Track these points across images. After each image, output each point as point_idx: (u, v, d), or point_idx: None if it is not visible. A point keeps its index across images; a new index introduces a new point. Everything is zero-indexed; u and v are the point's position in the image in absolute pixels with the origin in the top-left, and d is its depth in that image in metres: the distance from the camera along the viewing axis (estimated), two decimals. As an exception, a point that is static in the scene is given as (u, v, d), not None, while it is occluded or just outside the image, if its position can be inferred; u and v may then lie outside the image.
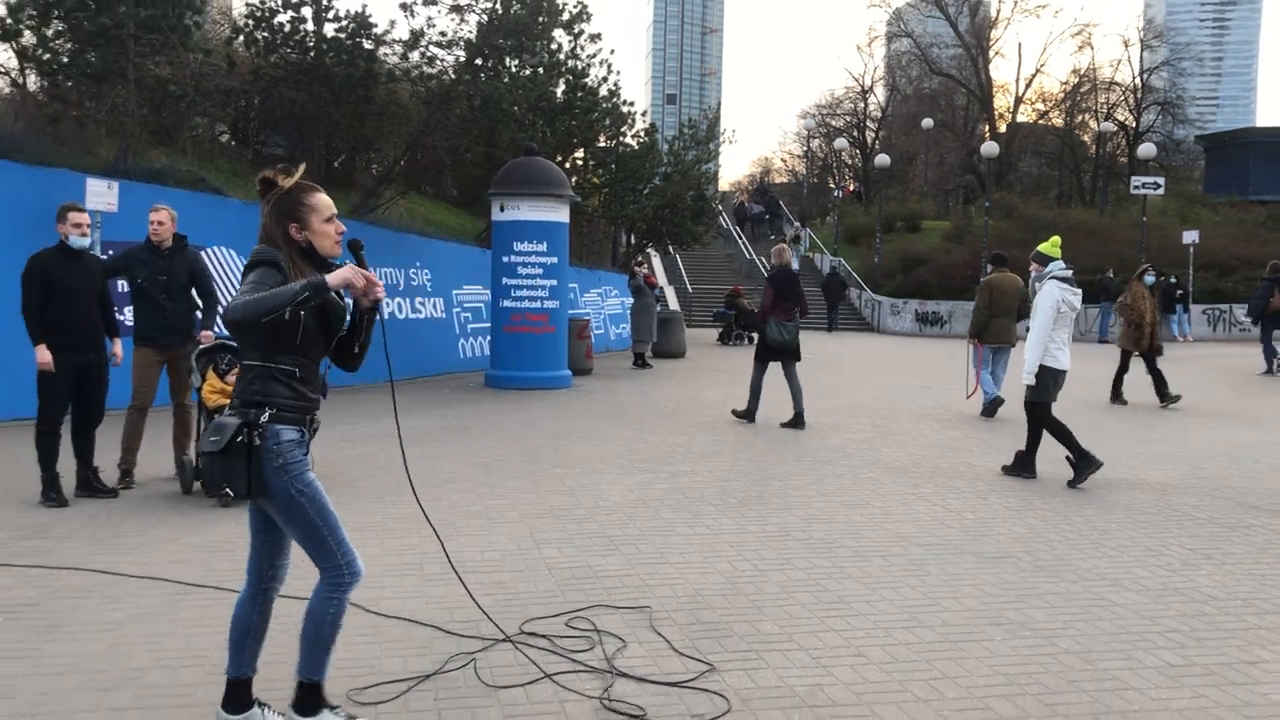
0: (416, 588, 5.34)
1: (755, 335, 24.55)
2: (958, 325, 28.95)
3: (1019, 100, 57.55)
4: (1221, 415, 12.96)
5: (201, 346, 7.62)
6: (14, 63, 15.00)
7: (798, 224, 43.93)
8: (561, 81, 18.80)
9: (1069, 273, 8.58)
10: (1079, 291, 8.56)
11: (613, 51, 20.99)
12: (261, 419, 3.35)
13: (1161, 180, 36.90)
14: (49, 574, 5.42)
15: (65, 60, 11.90)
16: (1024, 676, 4.27)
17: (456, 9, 15.74)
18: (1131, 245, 33.86)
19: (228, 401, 7.04)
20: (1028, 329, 8.64)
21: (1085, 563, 6.01)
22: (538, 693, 4.04)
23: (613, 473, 8.44)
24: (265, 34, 14.67)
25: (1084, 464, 8.18)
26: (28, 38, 12.06)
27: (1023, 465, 8.64)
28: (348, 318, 3.66)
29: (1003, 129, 55.03)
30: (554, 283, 14.25)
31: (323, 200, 3.48)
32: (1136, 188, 32.52)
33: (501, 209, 14.24)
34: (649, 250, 29.36)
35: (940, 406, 13.40)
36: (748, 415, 11.53)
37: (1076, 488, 8.15)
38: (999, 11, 57.47)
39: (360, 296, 3.53)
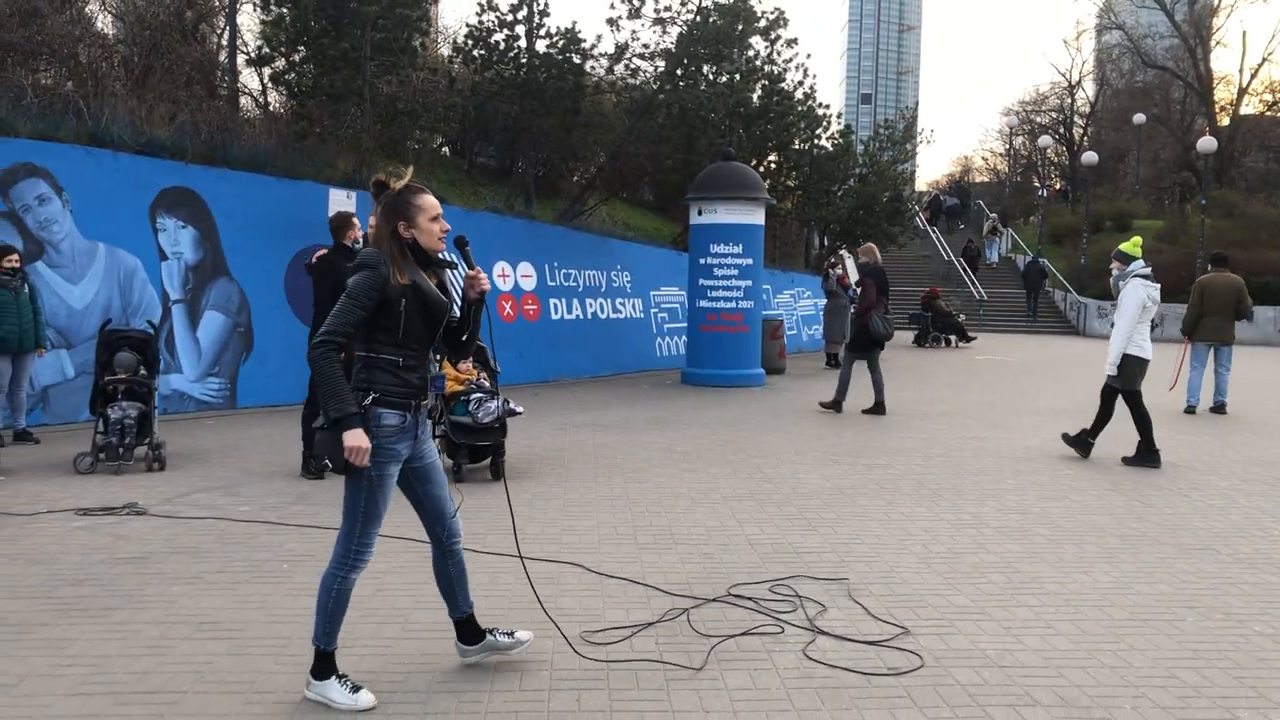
0: (631, 554, 5.88)
1: (953, 338, 24.40)
2: (1170, 329, 27.71)
3: (1243, 91, 54.14)
4: None
5: None
6: (256, 84, 16.61)
7: (995, 215, 42.91)
8: (758, 87, 19.22)
9: (1149, 270, 9.10)
10: (1158, 286, 9.18)
11: (809, 55, 21.27)
12: (365, 402, 3.66)
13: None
14: (318, 533, 6.25)
15: (309, 83, 13.15)
16: (1213, 653, 4.45)
17: (659, 22, 16.42)
18: (1368, 244, 31.59)
19: (461, 388, 7.89)
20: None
21: (1288, 557, 6.02)
22: (747, 643, 4.50)
23: (809, 463, 8.82)
24: (482, 52, 15.72)
25: (1150, 458, 8.93)
26: (278, 64, 13.40)
27: (1144, 455, 9.05)
28: (455, 311, 3.95)
29: (1224, 123, 51.95)
30: (749, 283, 14.69)
31: (429, 200, 3.77)
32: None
33: (699, 212, 14.78)
34: (843, 251, 29.40)
35: (1153, 407, 13.09)
36: (835, 406, 12.12)
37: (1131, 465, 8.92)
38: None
39: (467, 290, 3.90)
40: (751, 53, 19.43)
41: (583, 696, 3.92)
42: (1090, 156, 37.05)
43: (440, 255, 3.85)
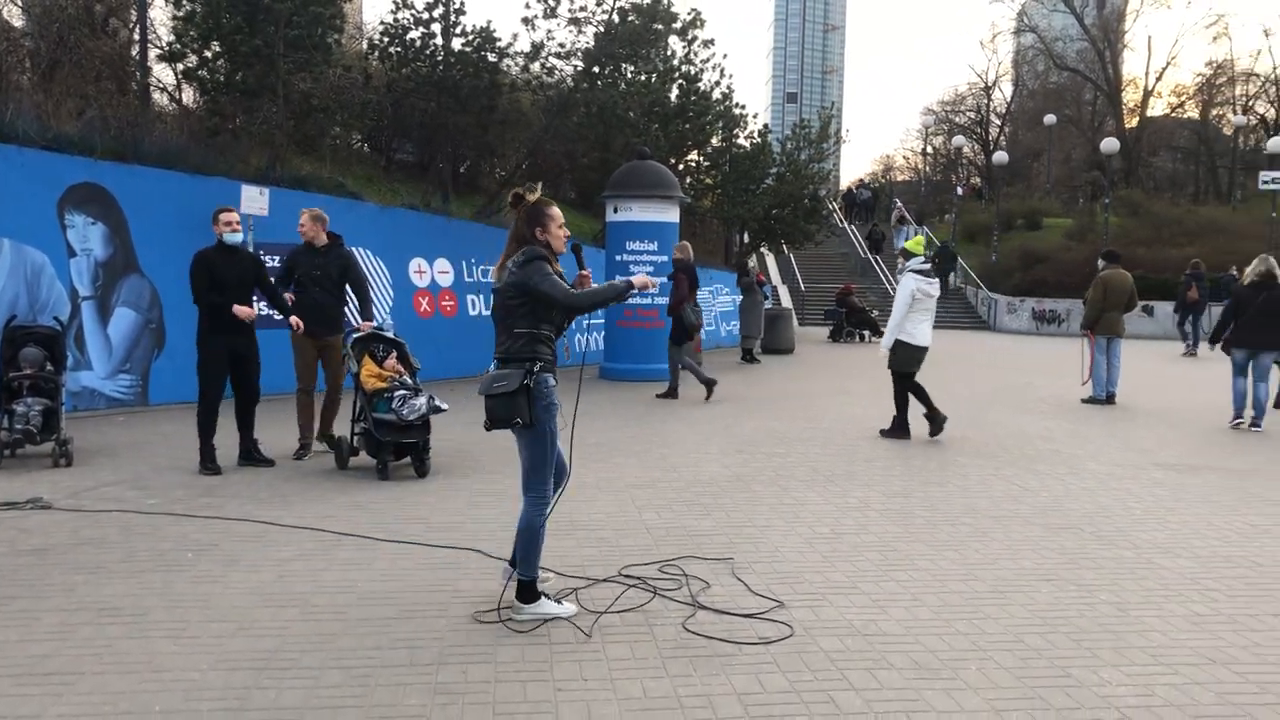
0: (531, 541, 6.11)
1: (867, 333, 24.99)
2: (1075, 324, 28.66)
3: (1149, 94, 56.01)
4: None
5: (357, 335, 8.50)
6: (170, 79, 16.48)
7: (899, 203, 44.88)
8: (675, 86, 19.53)
9: (927, 266, 10.01)
10: (935, 281, 10.00)
11: (725, 56, 21.66)
12: (535, 369, 4.51)
13: (1290, 175, 35.72)
14: (224, 523, 6.38)
15: (222, 79, 13.13)
16: (1060, 620, 4.82)
17: (575, 22, 16.64)
18: (1264, 242, 32.93)
19: (385, 385, 7.96)
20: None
21: (1144, 535, 6.46)
22: (630, 618, 4.77)
23: (712, 453, 9.13)
24: (398, 49, 15.79)
25: (901, 430, 10.12)
26: (190, 59, 13.36)
27: (897, 428, 10.17)
28: None
29: (1133, 124, 53.67)
30: (664, 280, 14.96)
31: (557, 211, 4.72)
32: (1265, 183, 31.63)
33: (615, 210, 15.04)
34: (760, 250, 29.87)
35: (1041, 400, 13.69)
36: (671, 394, 12.90)
37: (936, 439, 9.95)
38: (1127, 3, 56.00)
39: (578, 284, 4.77)
40: (669, 53, 19.74)
41: (469, 669, 4.15)
42: (1001, 156, 38.14)
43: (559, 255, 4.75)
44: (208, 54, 13.28)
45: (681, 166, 21.47)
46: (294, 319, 8.31)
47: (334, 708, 3.76)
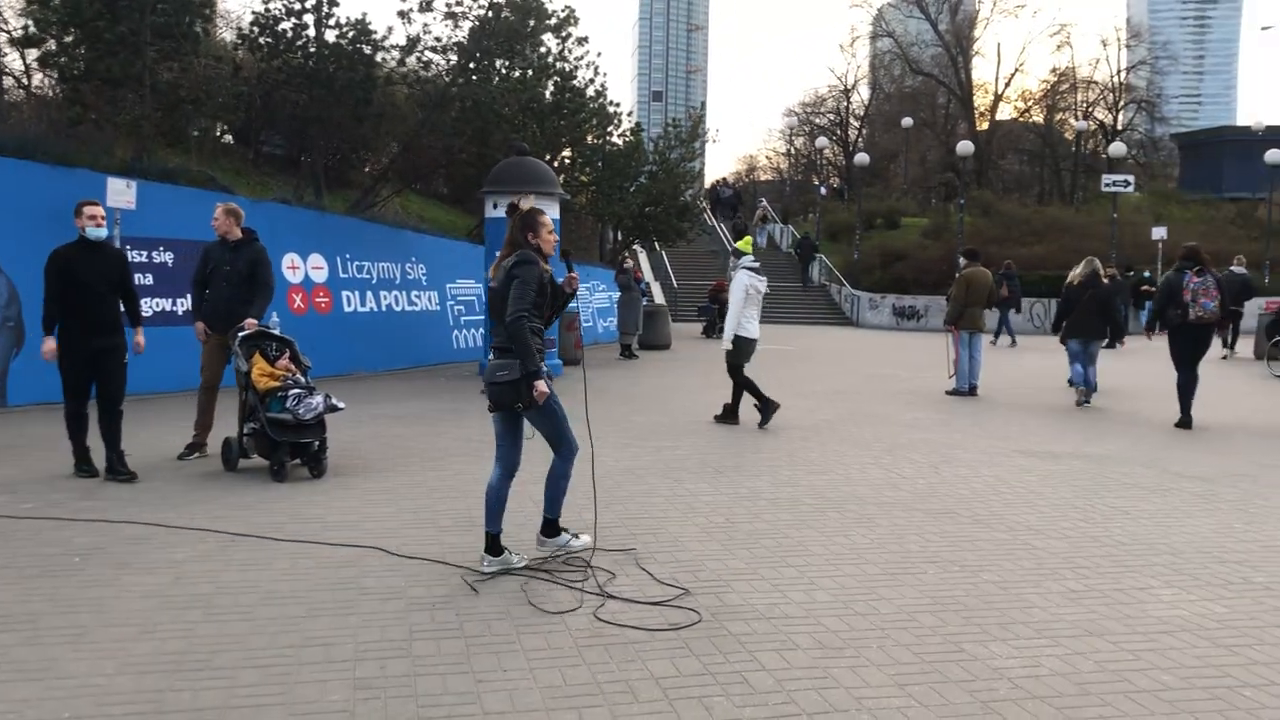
0: (432, 536, 6.13)
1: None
2: (934, 319, 29.80)
3: (998, 99, 58.50)
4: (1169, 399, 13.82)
5: (244, 333, 8.21)
6: (20, 66, 15.71)
7: (764, 203, 46.32)
8: (550, 83, 19.56)
9: (757, 264, 10.69)
10: (764, 278, 10.83)
11: (599, 54, 21.77)
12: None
13: (1131, 178, 37.87)
14: (109, 526, 6.19)
15: (83, 67, 12.60)
16: (948, 599, 5.10)
17: (451, 16, 16.51)
18: (1105, 241, 34.82)
19: (278, 384, 7.78)
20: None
21: (1017, 518, 6.84)
22: (542, 610, 4.84)
23: (604, 448, 9.22)
24: (269, 40, 15.40)
25: (731, 417, 10.73)
26: (49, 45, 12.77)
27: (727, 414, 10.82)
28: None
29: (983, 127, 55.94)
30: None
31: (547, 219, 5.46)
32: (1107, 185, 33.46)
33: (495, 206, 15.00)
34: (635, 247, 30.12)
35: (910, 392, 14.24)
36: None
37: (765, 428, 10.47)
38: (978, 11, 58.36)
39: (564, 286, 5.51)
40: (544, 49, 19.75)
41: (387, 664, 4.16)
42: (862, 158, 39.29)
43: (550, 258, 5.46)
44: (67, 40, 12.70)
45: (556, 164, 21.50)
46: (139, 339, 7.80)
47: (255, 706, 3.74)
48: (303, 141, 17.42)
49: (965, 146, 34.26)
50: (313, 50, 15.54)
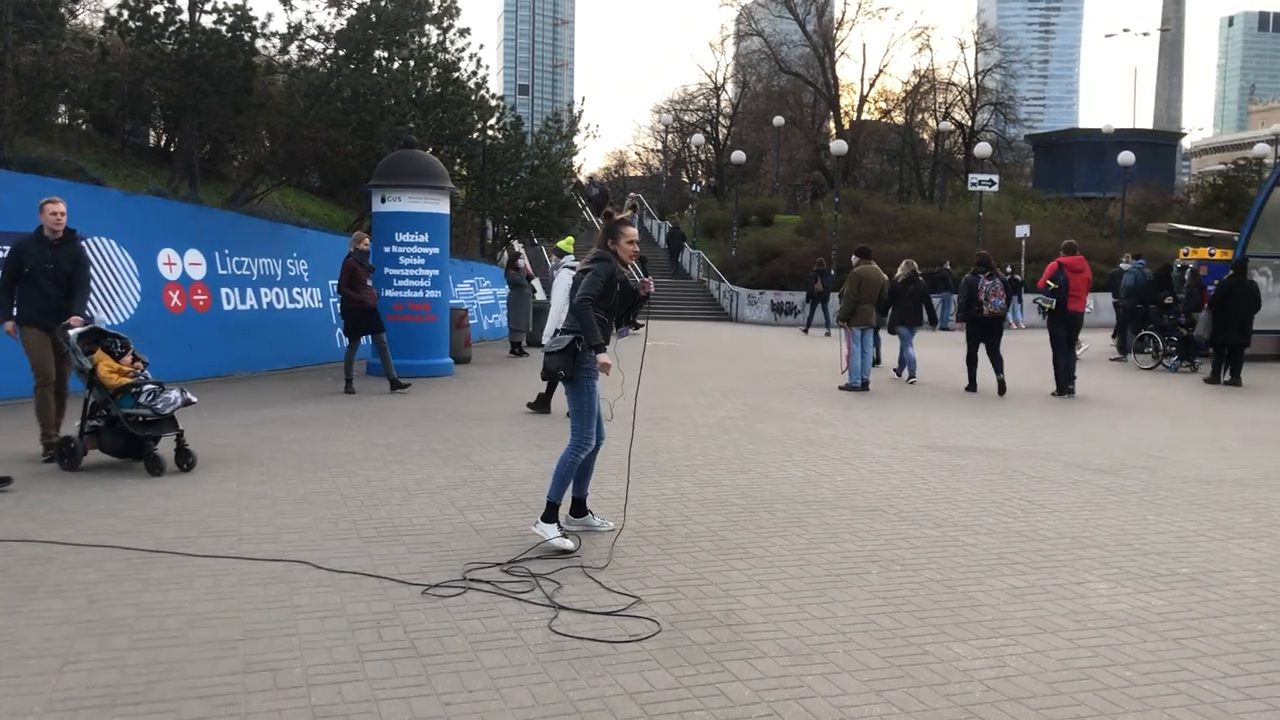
0: (357, 548, 5.85)
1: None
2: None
3: (863, 99, 59.98)
4: (1048, 391, 14.34)
5: (79, 330, 7.85)
6: None
7: (634, 195, 46.77)
8: (433, 75, 19.11)
9: (577, 264, 10.85)
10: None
11: (481, 46, 21.41)
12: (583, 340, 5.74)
13: (996, 178, 39.31)
14: (3, 546, 5.72)
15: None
16: (898, 599, 5.10)
17: (335, 3, 15.95)
18: (968, 238, 36.03)
19: (129, 380, 7.54)
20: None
21: (941, 514, 6.93)
22: (492, 624, 4.66)
23: (515, 449, 9.04)
24: (139, 24, 14.57)
25: (544, 407, 11.19)
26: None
27: (539, 404, 11.22)
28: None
29: (846, 126, 57.26)
30: (436, 273, 14.67)
31: (631, 230, 6.01)
32: (974, 184, 34.62)
33: (383, 200, 14.58)
34: (513, 242, 29.77)
35: (802, 387, 14.40)
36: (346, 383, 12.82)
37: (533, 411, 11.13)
38: (844, 13, 59.71)
39: (639, 290, 6.07)
40: (426, 40, 19.29)
41: (343, 689, 3.92)
42: (738, 155, 39.76)
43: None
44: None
45: (438, 158, 21.01)
46: (8, 324, 7.67)
47: (211, 743, 3.47)
48: (176, 132, 16.56)
49: (839, 146, 35.00)
50: (187, 36, 14.77)
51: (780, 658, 4.30)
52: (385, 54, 18.11)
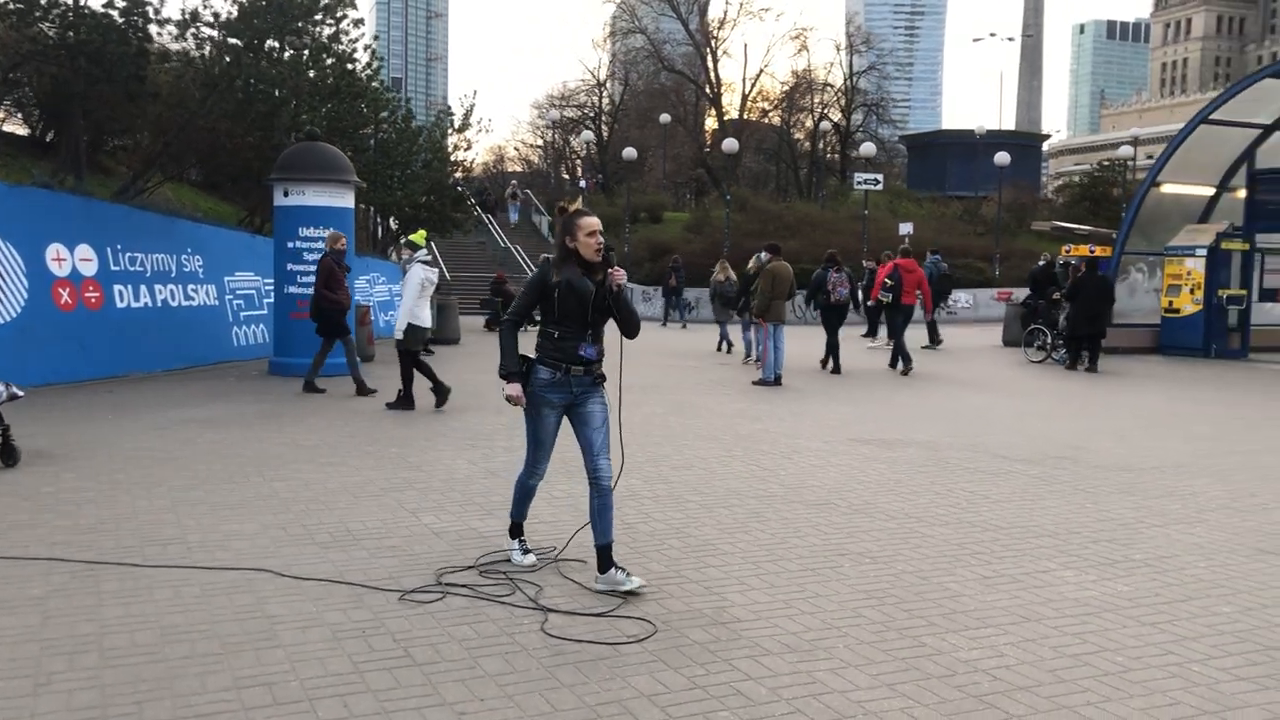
0: (317, 554, 5.63)
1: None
2: (705, 311, 30.51)
3: (745, 98, 60.75)
4: (952, 382, 14.75)
5: None
6: None
7: (515, 181, 46.90)
8: (329, 66, 18.58)
9: (430, 257, 11.45)
10: (436, 270, 11.62)
11: (376, 37, 20.92)
12: (533, 359, 5.12)
13: (880, 177, 40.29)
14: (-71, 561, 5.32)
15: None
16: (880, 591, 5.15)
17: (231, -10, 15.35)
18: (850, 236, 36.79)
19: None
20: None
21: (891, 506, 7.04)
22: (484, 630, 4.53)
23: (448, 449, 8.84)
24: (19, 5, 13.73)
25: (407, 402, 11.01)
26: None
27: (402, 400, 11.06)
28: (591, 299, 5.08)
29: (728, 125, 57.89)
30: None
31: (588, 222, 5.08)
32: (860, 183, 35.39)
33: (285, 194, 14.10)
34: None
35: (717, 383, 14.48)
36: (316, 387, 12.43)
37: (440, 410, 10.99)
38: (726, 12, 60.42)
39: (610, 285, 5.10)
40: (319, 31, 18.75)
41: (349, 702, 3.77)
42: (630, 152, 39.81)
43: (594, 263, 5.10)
44: None
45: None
46: None
47: (228, 765, 3.28)
48: (61, 121, 15.68)
49: (730, 144, 35.46)
50: (73, 19, 13.99)
51: (785, 654, 4.29)
52: (277, 44, 17.53)
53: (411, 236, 11.93)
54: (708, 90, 59.37)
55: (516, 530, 5.59)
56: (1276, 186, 19.80)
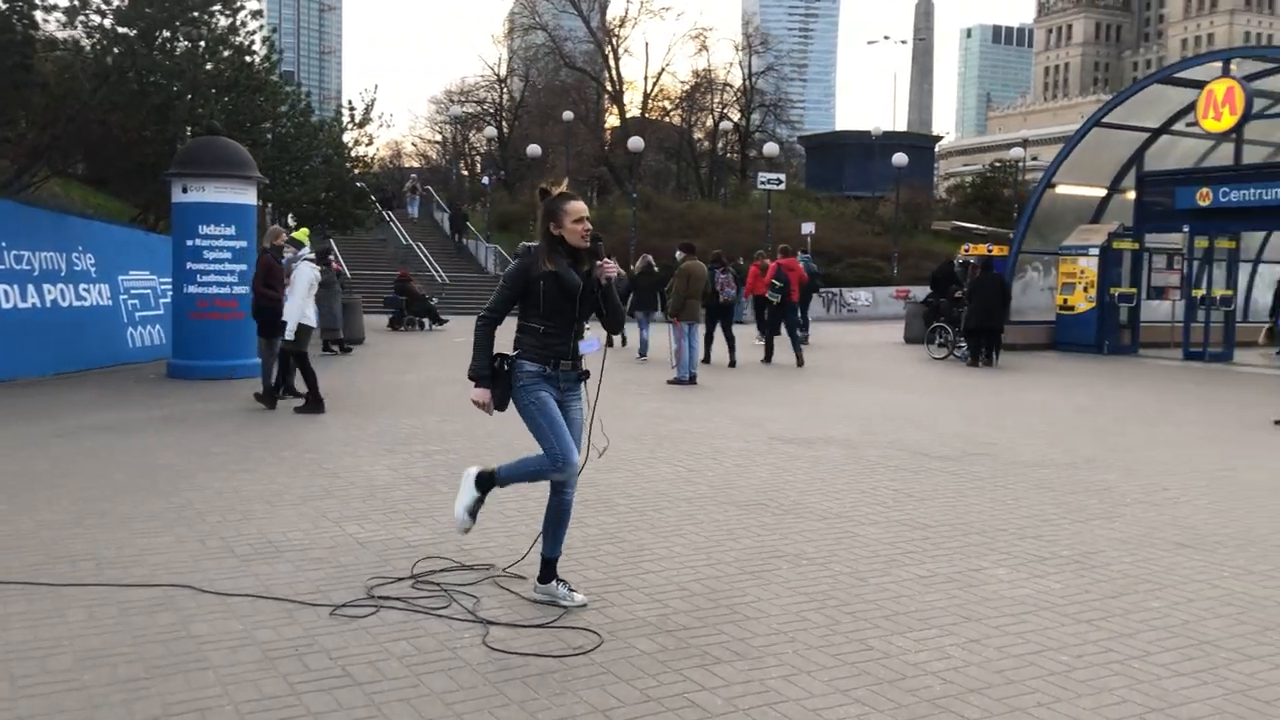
0: (237, 568, 5.39)
1: (427, 321, 24.79)
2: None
3: (647, 97, 60.89)
4: (860, 379, 14.96)
5: None
6: None
7: (414, 175, 46.55)
8: (227, 59, 17.99)
9: (314, 255, 11.35)
10: (319, 268, 11.46)
11: (274, 30, 20.36)
12: (514, 355, 4.73)
13: (783, 176, 40.75)
14: None
15: None
16: (820, 594, 5.14)
17: (124, -23, 14.72)
18: (753, 235, 37.15)
19: None
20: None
21: (820, 506, 7.06)
22: (424, 645, 4.38)
23: (365, 454, 8.59)
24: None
25: (317, 406, 10.64)
26: None
27: (312, 404, 10.74)
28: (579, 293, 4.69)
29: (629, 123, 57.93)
30: (243, 267, 13.79)
31: (575, 206, 4.68)
32: (763, 183, 35.72)
33: (185, 190, 13.60)
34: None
35: (631, 383, 14.41)
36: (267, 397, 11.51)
37: (299, 413, 10.62)
38: (627, 10, 60.47)
39: (597, 276, 4.72)
40: (215, 21, 18.15)
41: (289, 727, 3.58)
42: (535, 149, 39.55)
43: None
44: None
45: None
46: None
47: (168, 802, 3.08)
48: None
49: (636, 142, 35.51)
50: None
51: (735, 662, 4.24)
52: (170, 33, 16.91)
53: (294, 234, 11.57)
54: (609, 88, 59.32)
55: (551, 569, 4.92)
56: (1163, 188, 20.56)
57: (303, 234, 11.76)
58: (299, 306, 10.77)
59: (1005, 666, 4.24)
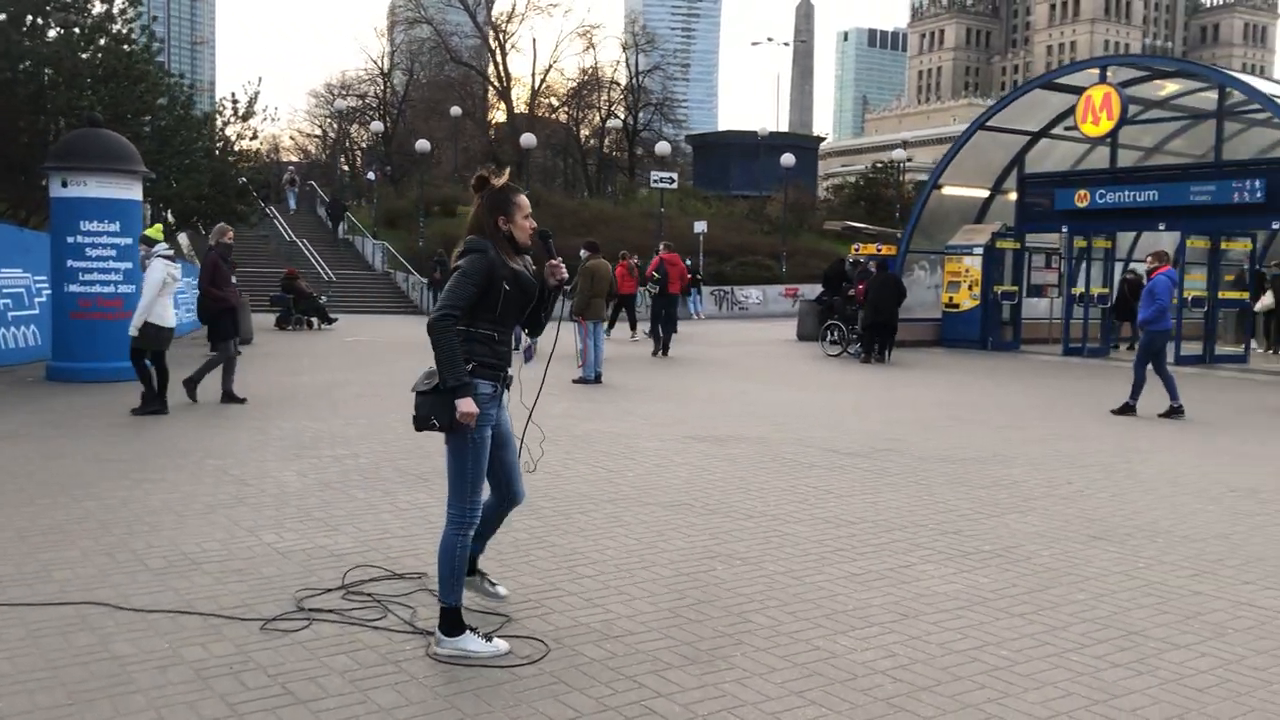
0: (153, 582, 5.14)
1: (315, 320, 24.17)
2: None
3: (535, 94, 60.57)
4: (759, 377, 15.13)
5: None
6: None
7: (291, 168, 45.74)
8: (104, 47, 17.23)
9: (171, 252, 10.81)
10: (179, 265, 11.29)
11: (155, 18, 19.62)
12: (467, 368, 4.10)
13: (675, 175, 40.96)
14: None
15: None
16: (759, 595, 5.14)
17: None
18: (643, 233, 37.32)
19: None
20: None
21: (745, 505, 7.08)
22: (364, 658, 4.23)
23: (272, 460, 8.30)
24: None
25: (160, 405, 10.36)
26: None
27: (149, 402, 10.37)
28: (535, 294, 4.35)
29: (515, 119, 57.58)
30: (129, 265, 13.21)
31: (524, 200, 4.32)
32: (656, 181, 35.87)
33: (64, 184, 12.96)
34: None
35: (533, 381, 14.24)
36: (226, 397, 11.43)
37: (139, 413, 10.22)
38: (515, 6, 60.04)
39: (547, 277, 4.39)
40: (92, 8, 17.39)
41: (236, 751, 3.42)
42: (424, 144, 38.95)
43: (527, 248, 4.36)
44: None
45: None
46: None
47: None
48: None
49: (529, 139, 35.29)
50: None
51: (687, 667, 4.20)
52: (40, 19, 16.12)
53: (147, 231, 11.21)
54: (497, 84, 58.82)
55: (456, 619, 4.24)
56: (1043, 190, 21.32)
57: (155, 230, 11.22)
58: (149, 304, 10.36)
59: (950, 663, 4.30)
